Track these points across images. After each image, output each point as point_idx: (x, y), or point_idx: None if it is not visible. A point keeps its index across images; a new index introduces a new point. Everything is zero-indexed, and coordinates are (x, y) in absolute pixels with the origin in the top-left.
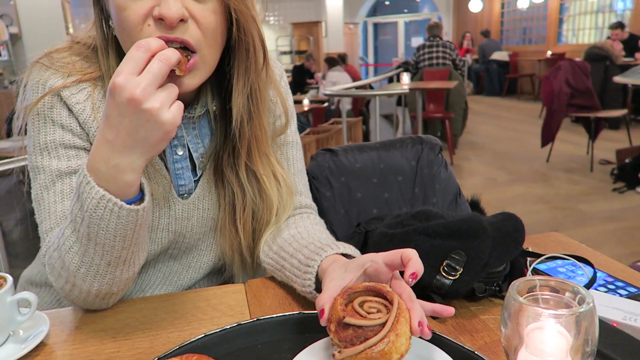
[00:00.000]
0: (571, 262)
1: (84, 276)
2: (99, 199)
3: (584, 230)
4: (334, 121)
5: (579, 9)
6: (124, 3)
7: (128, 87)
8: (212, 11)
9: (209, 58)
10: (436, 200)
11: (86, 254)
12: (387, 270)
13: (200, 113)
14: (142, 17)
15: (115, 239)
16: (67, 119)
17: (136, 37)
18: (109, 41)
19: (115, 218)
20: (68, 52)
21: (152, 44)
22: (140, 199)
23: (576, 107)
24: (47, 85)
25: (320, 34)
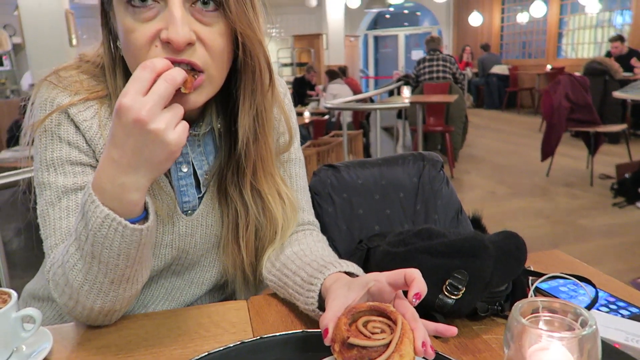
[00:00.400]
0: (573, 282)
1: (87, 293)
2: (103, 217)
3: (584, 245)
4: (334, 134)
5: (578, 24)
6: (132, 25)
7: (134, 107)
8: (220, 34)
9: (215, 77)
10: (438, 216)
11: (90, 272)
12: (391, 290)
13: (205, 131)
14: (149, 40)
15: (119, 257)
16: (74, 136)
17: (143, 58)
18: (117, 61)
19: (120, 237)
20: (76, 70)
21: (157, 64)
22: (144, 217)
23: (576, 121)
24: (55, 103)
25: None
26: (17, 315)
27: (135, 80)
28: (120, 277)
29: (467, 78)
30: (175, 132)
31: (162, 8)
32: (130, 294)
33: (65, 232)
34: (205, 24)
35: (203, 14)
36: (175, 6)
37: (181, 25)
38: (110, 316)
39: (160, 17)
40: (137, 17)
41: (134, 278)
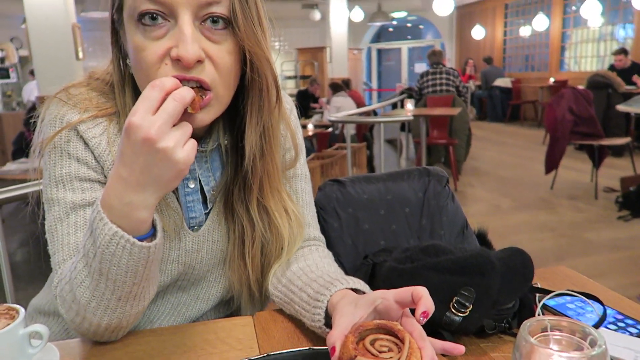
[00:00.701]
0: (580, 299)
1: (95, 310)
2: (111, 235)
3: (589, 259)
4: (338, 146)
5: (580, 37)
6: (143, 43)
7: (143, 126)
8: (228, 52)
9: (222, 96)
10: (443, 232)
11: (97, 289)
12: (398, 308)
13: (212, 147)
14: (159, 57)
15: (126, 274)
16: (82, 152)
17: (153, 75)
18: (126, 79)
19: (128, 254)
20: (85, 87)
21: (166, 83)
22: (152, 235)
23: (579, 134)
24: (65, 120)
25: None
26: (25, 332)
27: (145, 99)
28: (128, 294)
29: (470, 91)
30: (184, 151)
31: (172, 26)
32: (137, 310)
33: (73, 248)
34: (214, 42)
35: (212, 32)
36: (185, 24)
37: (191, 42)
38: (117, 332)
39: (170, 35)
40: (148, 35)
41: (141, 295)
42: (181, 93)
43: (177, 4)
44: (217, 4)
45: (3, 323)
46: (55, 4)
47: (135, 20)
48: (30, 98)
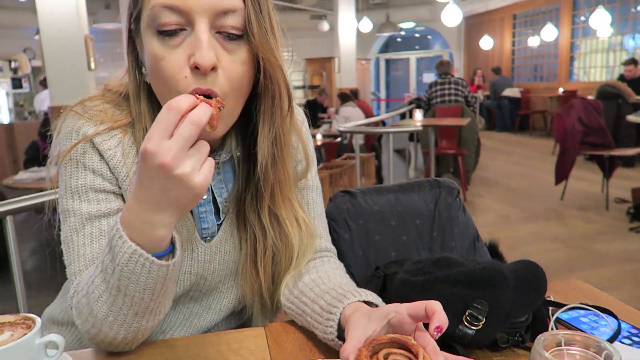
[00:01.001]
0: (594, 312)
1: (111, 324)
2: (130, 253)
3: (600, 271)
4: (346, 156)
5: (589, 47)
6: (161, 52)
7: (159, 153)
8: (241, 62)
9: (233, 107)
10: (455, 244)
11: (114, 304)
12: (411, 322)
13: (225, 159)
14: (178, 67)
15: (144, 291)
16: (98, 164)
17: (173, 87)
18: (141, 87)
19: (147, 272)
20: (100, 100)
21: (182, 104)
22: (170, 251)
23: (589, 145)
24: (81, 132)
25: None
26: (41, 342)
27: (160, 123)
28: (145, 309)
29: (479, 101)
30: (200, 175)
31: (188, 34)
32: (153, 324)
33: (89, 259)
34: (227, 51)
35: (227, 41)
36: (202, 31)
37: (207, 49)
38: (131, 344)
39: (187, 43)
40: (166, 44)
41: (157, 310)
42: (198, 115)
43: (194, 12)
44: (232, 12)
45: (20, 332)
46: (69, 16)
47: (155, 31)
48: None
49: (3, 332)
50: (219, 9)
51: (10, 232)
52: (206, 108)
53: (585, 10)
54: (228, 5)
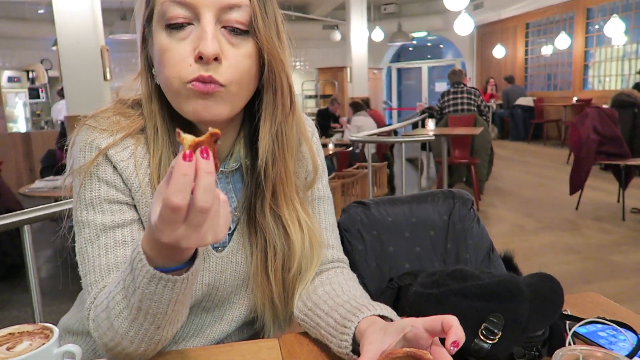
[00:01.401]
0: (612, 327)
1: (133, 338)
2: (150, 277)
3: (617, 283)
4: (358, 165)
5: (604, 56)
6: (168, 44)
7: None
8: (246, 56)
9: (236, 92)
10: (469, 255)
11: (136, 321)
12: (427, 336)
13: (234, 168)
14: (183, 57)
15: (167, 306)
16: (111, 175)
17: (176, 75)
18: (152, 89)
19: (170, 291)
20: (112, 111)
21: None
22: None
23: (605, 154)
24: (94, 145)
25: (345, 78)
26: (59, 351)
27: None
28: (166, 321)
29: (492, 110)
30: (221, 234)
31: (194, 28)
32: (172, 333)
33: (105, 269)
34: (232, 45)
35: (232, 35)
36: (207, 23)
37: (211, 39)
38: (148, 355)
39: (193, 36)
40: (174, 37)
41: (175, 319)
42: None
43: (201, 6)
44: (238, 7)
45: (38, 342)
46: (86, 27)
47: (164, 25)
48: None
49: (22, 342)
50: (224, 4)
51: (27, 241)
52: (209, 191)
53: (599, 18)
54: (234, 0)
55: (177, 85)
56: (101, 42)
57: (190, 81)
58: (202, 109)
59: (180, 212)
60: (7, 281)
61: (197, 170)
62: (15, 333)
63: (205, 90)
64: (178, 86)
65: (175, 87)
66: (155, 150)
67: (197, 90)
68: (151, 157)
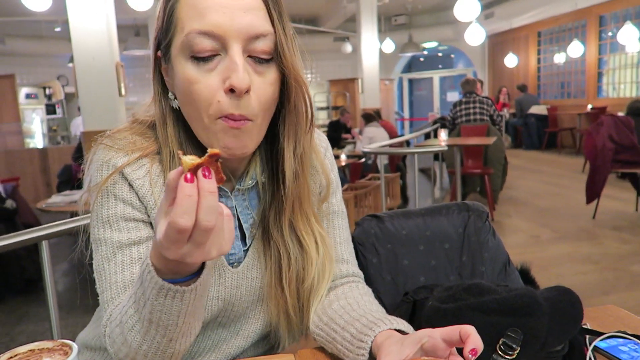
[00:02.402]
0: (634, 341)
1: (146, 352)
2: (158, 289)
3: (637, 294)
4: (371, 176)
5: (618, 63)
6: (196, 76)
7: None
8: (270, 83)
9: (260, 125)
10: (485, 269)
11: (148, 334)
12: (445, 347)
13: (250, 185)
14: (213, 90)
15: (178, 318)
16: (127, 194)
17: (205, 111)
18: (167, 113)
19: (179, 302)
20: (129, 132)
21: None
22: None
23: (621, 163)
24: (111, 164)
25: (357, 90)
26: None
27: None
28: (178, 333)
29: (504, 119)
30: (226, 247)
31: (222, 59)
32: (185, 346)
33: (121, 286)
34: (258, 74)
35: (257, 64)
36: (236, 54)
37: (242, 72)
38: None
39: (222, 67)
40: (201, 69)
41: (188, 331)
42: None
43: (229, 37)
44: (264, 37)
45: (58, 359)
46: (101, 44)
47: (189, 56)
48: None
49: (42, 358)
50: (252, 34)
51: (45, 256)
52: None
53: (612, 25)
54: (260, 30)
55: (207, 120)
56: (116, 59)
57: (221, 117)
58: (233, 144)
59: (186, 233)
60: (25, 295)
61: (200, 190)
62: (35, 350)
63: (236, 127)
64: (208, 122)
65: (205, 122)
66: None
67: (227, 125)
68: (166, 177)
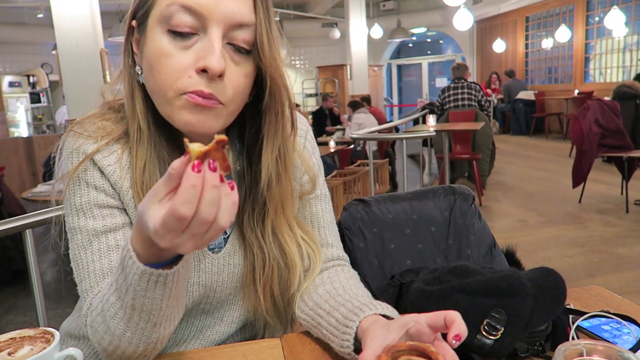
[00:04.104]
0: (616, 320)
1: (130, 339)
2: (140, 273)
3: (622, 276)
4: (360, 163)
5: (605, 48)
6: (170, 50)
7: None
8: (245, 74)
9: (232, 109)
10: (471, 251)
11: (131, 320)
12: (430, 332)
13: None
14: (185, 66)
15: (162, 302)
16: (99, 180)
17: (173, 83)
18: (135, 87)
19: (162, 286)
20: (99, 118)
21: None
22: None
23: (607, 147)
24: (81, 151)
25: (345, 76)
26: (60, 355)
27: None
28: (161, 317)
29: (493, 104)
30: (218, 235)
31: (200, 39)
32: (169, 330)
33: (99, 274)
34: (235, 62)
35: (235, 53)
36: (216, 38)
37: (219, 55)
38: (149, 356)
39: (198, 48)
40: (177, 44)
41: (171, 315)
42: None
43: (211, 18)
44: (246, 27)
45: (39, 347)
46: (85, 31)
47: (166, 30)
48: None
49: (23, 347)
50: (235, 21)
51: (29, 245)
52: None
53: (599, 10)
54: (244, 19)
55: (171, 94)
56: (100, 45)
57: (187, 92)
58: (196, 122)
59: (185, 222)
60: (13, 286)
61: (204, 182)
62: (16, 338)
63: (204, 105)
64: (172, 95)
65: (168, 96)
66: (139, 152)
67: (193, 102)
68: (134, 159)
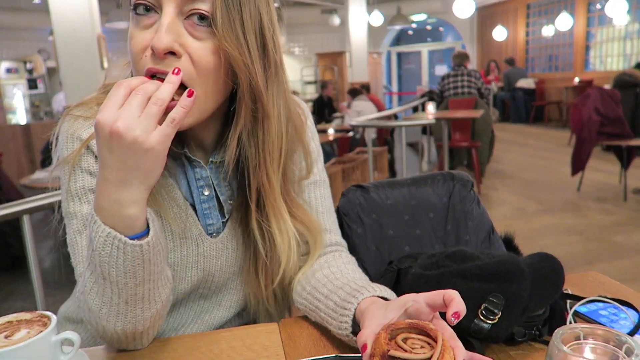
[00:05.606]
0: (613, 305)
1: (107, 316)
2: (104, 236)
3: (620, 263)
4: (359, 150)
5: (605, 36)
6: (133, 32)
7: (108, 121)
8: (211, 51)
9: (202, 99)
10: (469, 237)
11: (104, 294)
12: (429, 311)
13: (222, 159)
14: (142, 48)
15: (126, 275)
16: (94, 165)
17: (136, 65)
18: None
19: (122, 254)
20: (94, 101)
21: (132, 82)
22: (147, 233)
23: (607, 135)
24: (76, 136)
25: (345, 63)
26: (57, 339)
27: (110, 97)
28: (134, 296)
29: (493, 92)
30: (153, 137)
31: (159, 17)
32: (150, 314)
33: None
34: (196, 38)
35: (195, 27)
36: (166, 15)
37: (165, 32)
38: (140, 339)
39: (155, 26)
40: (138, 24)
41: (149, 297)
42: (144, 86)
43: None
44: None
45: (36, 330)
46: (82, 16)
47: (132, 10)
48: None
49: (20, 330)
50: None
51: (26, 230)
52: (155, 82)
53: None
54: None
55: (138, 76)
56: (97, 31)
57: (145, 74)
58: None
59: (123, 87)
60: (12, 272)
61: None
62: (13, 321)
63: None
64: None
65: None
66: None
67: None
68: None
